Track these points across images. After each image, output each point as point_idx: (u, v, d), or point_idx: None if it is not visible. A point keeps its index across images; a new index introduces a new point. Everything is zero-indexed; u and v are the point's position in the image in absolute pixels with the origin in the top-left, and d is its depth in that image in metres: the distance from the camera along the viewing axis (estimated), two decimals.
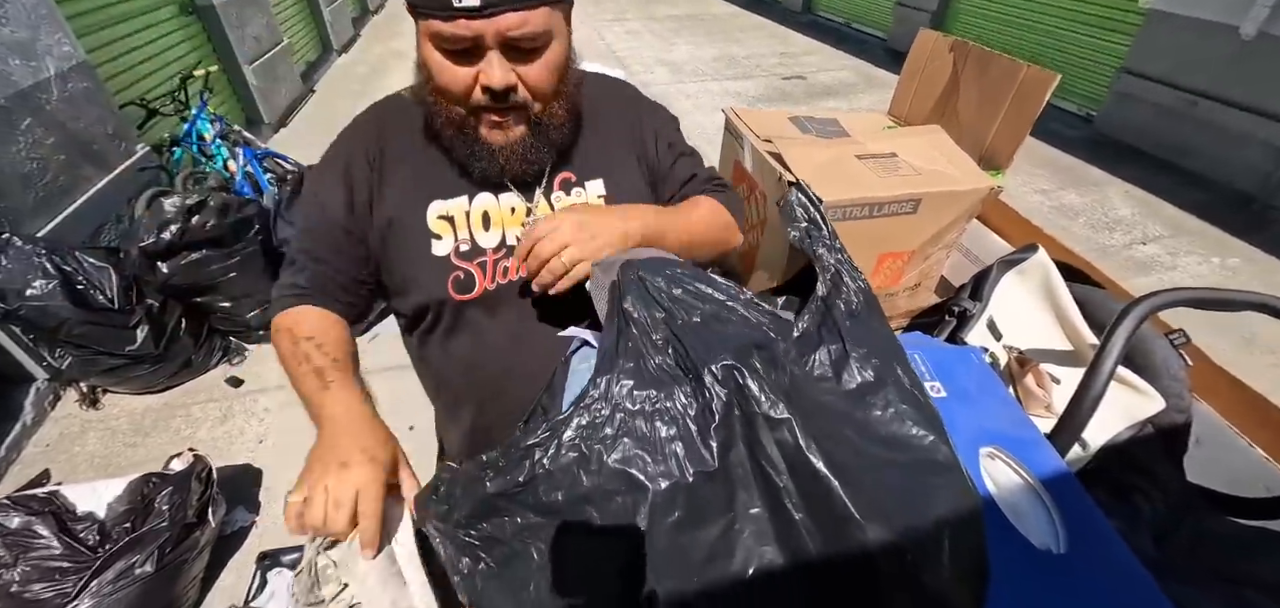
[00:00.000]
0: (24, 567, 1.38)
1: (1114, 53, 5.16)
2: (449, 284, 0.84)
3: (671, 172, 0.96)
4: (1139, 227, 3.91)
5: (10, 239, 2.09)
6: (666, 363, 0.55)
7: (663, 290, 0.59)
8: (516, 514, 0.51)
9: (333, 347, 0.78)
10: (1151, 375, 0.87)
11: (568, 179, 0.89)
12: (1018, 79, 1.37)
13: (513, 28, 0.70)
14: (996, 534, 0.55)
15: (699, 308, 0.59)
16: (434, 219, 0.83)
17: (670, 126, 1.00)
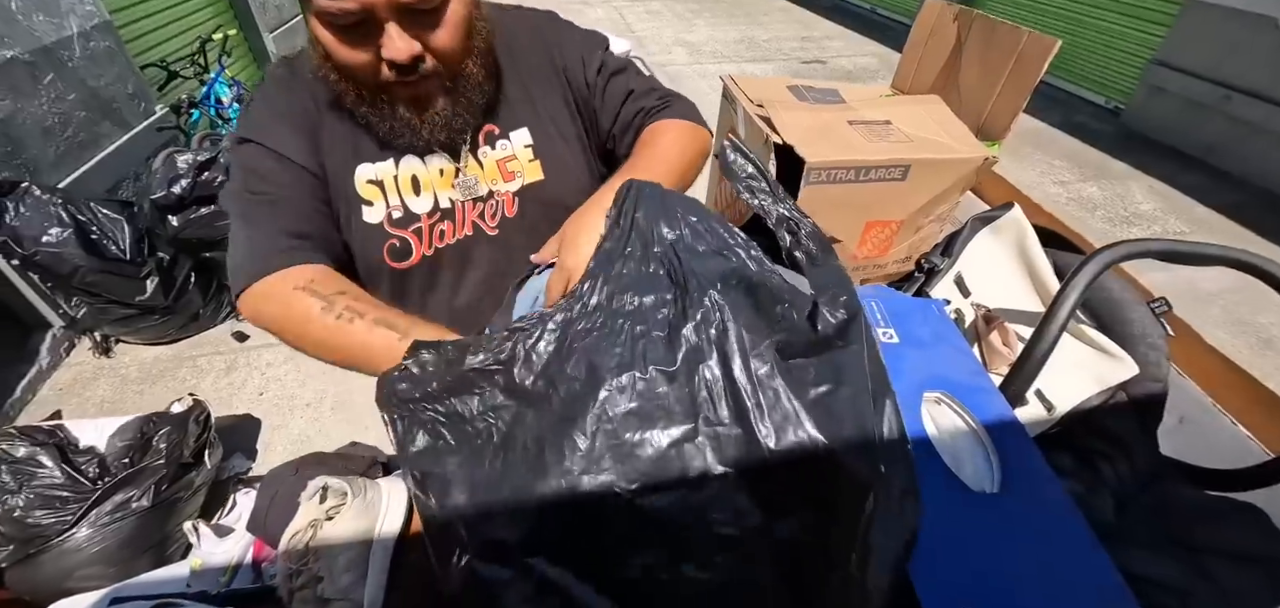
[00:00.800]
0: (27, 494, 1.44)
1: (1146, 43, 4.98)
2: (385, 252, 0.81)
3: (605, 96, 0.89)
4: (1159, 222, 3.79)
5: (29, 188, 2.15)
6: (659, 273, 0.53)
7: (678, 216, 0.56)
8: (488, 391, 0.50)
9: (375, 298, 0.69)
10: (1128, 342, 0.85)
11: (491, 132, 0.85)
12: (1018, 46, 1.33)
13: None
14: (932, 475, 0.55)
15: (708, 240, 0.56)
16: (363, 184, 0.80)
17: (593, 46, 0.91)
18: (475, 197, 0.85)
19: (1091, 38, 5.46)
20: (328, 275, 0.71)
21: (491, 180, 0.85)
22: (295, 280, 0.68)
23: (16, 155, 2.38)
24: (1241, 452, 0.88)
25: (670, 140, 0.82)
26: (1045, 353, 0.64)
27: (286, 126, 0.76)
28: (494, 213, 0.86)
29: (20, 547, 1.44)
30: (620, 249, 0.55)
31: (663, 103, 0.88)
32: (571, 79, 0.89)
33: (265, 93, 0.79)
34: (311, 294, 0.67)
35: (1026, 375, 0.65)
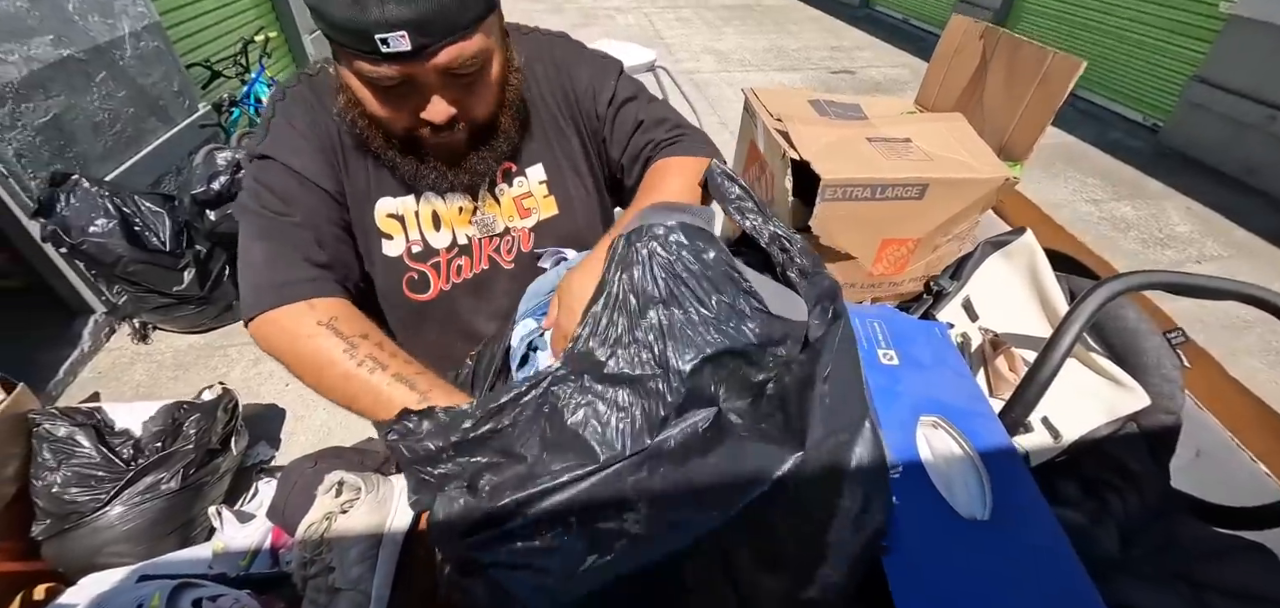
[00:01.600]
0: (66, 471, 1.51)
1: (1187, 59, 4.83)
2: (404, 285, 0.84)
3: (615, 126, 0.88)
4: (1195, 245, 3.67)
5: (79, 180, 2.26)
6: (641, 355, 0.53)
7: (663, 280, 0.55)
8: (480, 456, 0.52)
9: (396, 347, 0.68)
10: (1141, 373, 0.84)
11: (509, 169, 0.86)
12: (1043, 66, 1.32)
13: (451, 62, 0.65)
14: (921, 500, 0.56)
15: (696, 300, 0.55)
16: (383, 217, 0.81)
17: (606, 75, 0.89)
18: (492, 233, 0.87)
19: (1130, 52, 5.33)
20: (350, 314, 0.69)
21: (508, 217, 0.87)
22: (319, 315, 0.67)
23: (69, 148, 2.51)
24: (1259, 490, 0.85)
25: (677, 178, 0.80)
26: (1046, 381, 0.64)
27: (309, 146, 0.75)
28: (510, 248, 0.89)
29: (56, 521, 1.51)
30: (605, 321, 0.54)
31: (673, 136, 0.87)
32: (582, 109, 0.89)
33: (287, 110, 0.77)
34: (335, 334, 0.65)
35: (1026, 403, 0.65)
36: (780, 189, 1.31)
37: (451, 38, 0.63)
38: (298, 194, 0.73)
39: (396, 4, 0.58)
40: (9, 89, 2.26)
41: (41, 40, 2.43)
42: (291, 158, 0.74)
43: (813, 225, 1.20)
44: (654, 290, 0.54)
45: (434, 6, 0.60)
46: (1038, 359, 0.64)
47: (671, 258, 0.55)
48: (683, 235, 0.55)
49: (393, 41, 0.60)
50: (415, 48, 0.61)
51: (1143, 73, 5.23)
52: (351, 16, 0.58)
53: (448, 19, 0.62)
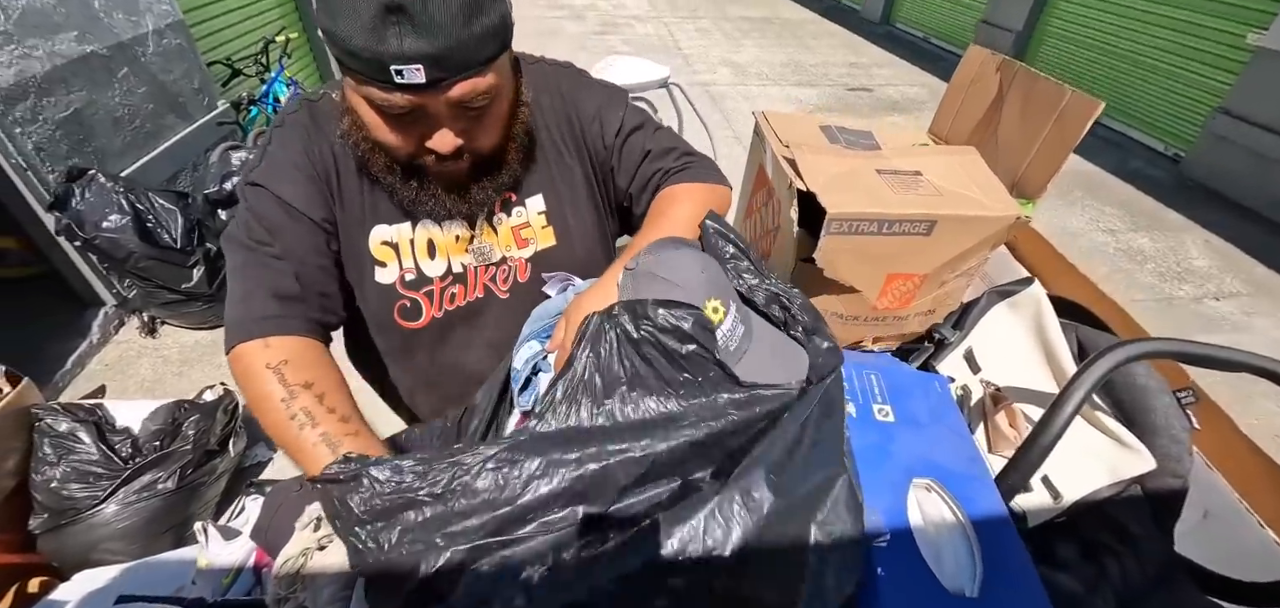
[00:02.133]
0: (65, 467, 1.52)
1: (1211, 90, 4.75)
2: (395, 313, 0.83)
3: (623, 157, 0.88)
4: (1214, 280, 3.59)
5: (95, 175, 2.29)
6: (582, 470, 0.50)
7: (629, 363, 0.53)
8: (416, 519, 0.49)
9: (339, 400, 0.67)
10: (1148, 433, 0.81)
11: (508, 198, 0.86)
12: (1060, 104, 1.29)
13: (463, 97, 0.64)
14: (907, 571, 0.54)
15: (667, 382, 0.53)
16: (377, 245, 0.80)
17: (613, 106, 0.89)
18: (489, 262, 0.87)
19: (1153, 80, 5.25)
20: (302, 359, 0.69)
21: (506, 247, 0.87)
22: (271, 356, 0.67)
23: (88, 143, 2.54)
24: (1268, 558, 0.82)
25: (684, 208, 0.80)
26: (1048, 447, 0.61)
27: (301, 175, 0.75)
28: (506, 277, 0.89)
29: (54, 516, 1.52)
30: (564, 402, 0.53)
31: (681, 164, 0.88)
32: (588, 139, 0.89)
33: (283, 139, 0.77)
34: (278, 379, 0.65)
35: (1025, 469, 0.63)
36: (786, 219, 1.29)
37: (466, 74, 0.63)
38: (283, 224, 0.73)
39: (415, 38, 0.58)
40: (32, 83, 2.29)
41: (66, 36, 2.47)
42: (282, 187, 0.73)
43: (817, 258, 1.18)
44: (620, 372, 0.52)
45: (452, 43, 0.60)
46: (1040, 423, 0.62)
47: (642, 339, 0.53)
48: (661, 315, 0.53)
49: (408, 74, 0.59)
50: (430, 81, 0.61)
51: (1165, 101, 5.15)
52: (369, 46, 0.58)
53: (464, 56, 0.62)
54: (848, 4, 10.53)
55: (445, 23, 0.58)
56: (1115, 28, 5.59)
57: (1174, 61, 5.06)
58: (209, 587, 0.88)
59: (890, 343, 1.16)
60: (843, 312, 1.37)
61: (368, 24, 0.57)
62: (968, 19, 7.72)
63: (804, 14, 10.17)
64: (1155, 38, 5.20)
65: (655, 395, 0.51)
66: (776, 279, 0.62)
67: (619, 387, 0.52)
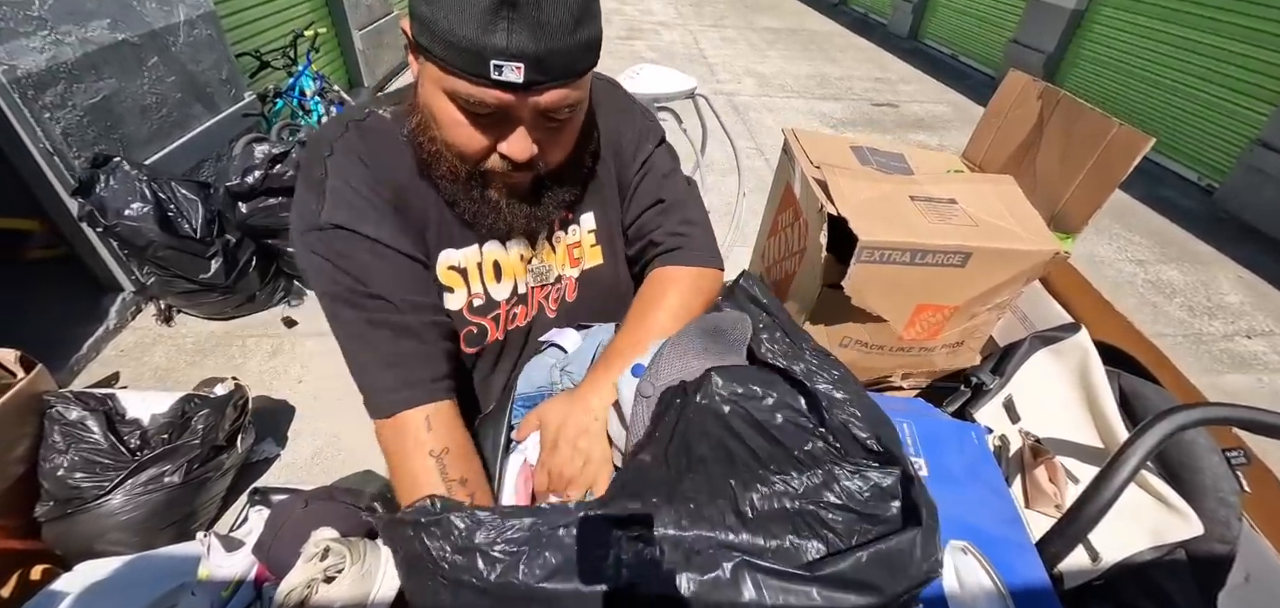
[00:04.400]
0: (73, 455, 1.52)
1: (1248, 121, 4.61)
2: (461, 339, 0.80)
3: (639, 190, 0.86)
4: (1246, 318, 3.47)
5: (119, 163, 2.31)
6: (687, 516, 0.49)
7: (724, 420, 0.50)
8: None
9: (481, 494, 0.67)
10: (1195, 494, 0.75)
11: (566, 216, 0.84)
12: (1106, 137, 1.23)
13: (552, 105, 0.61)
14: None
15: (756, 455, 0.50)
16: (444, 270, 0.76)
17: (648, 137, 0.88)
18: (546, 282, 0.85)
19: (1187, 108, 5.11)
20: (457, 445, 0.68)
21: (561, 265, 0.86)
22: (433, 442, 0.66)
23: (114, 130, 2.57)
24: None
25: (670, 306, 0.78)
26: (1096, 515, 0.57)
27: (378, 207, 0.69)
28: (557, 297, 0.87)
29: (59, 504, 1.52)
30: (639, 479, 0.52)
31: (678, 240, 0.86)
32: (621, 161, 0.86)
33: (342, 168, 0.68)
34: (439, 470, 0.65)
35: (1071, 537, 0.58)
36: (814, 243, 1.24)
37: (561, 81, 0.60)
38: (382, 270, 0.68)
39: (524, 35, 0.55)
40: (62, 69, 2.32)
41: (99, 23, 2.50)
42: (363, 224, 0.67)
43: (846, 286, 1.13)
44: (702, 449, 0.50)
45: (556, 47, 0.57)
46: (1090, 489, 0.57)
47: (722, 414, 0.50)
48: (729, 383, 0.50)
49: (507, 71, 0.56)
50: (527, 82, 0.58)
51: (1199, 130, 5.01)
52: (474, 36, 0.55)
53: (564, 62, 0.59)
54: (875, 18, 10.45)
55: (555, 26, 0.56)
56: (1151, 53, 5.46)
57: (1210, 90, 4.93)
58: (208, 598, 0.86)
59: (919, 379, 1.11)
60: (867, 341, 1.32)
61: (478, 15, 0.54)
62: (998, 38, 7.60)
63: (831, 26, 10.10)
64: (1192, 65, 5.07)
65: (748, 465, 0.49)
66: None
67: (701, 465, 0.50)
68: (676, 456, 0.51)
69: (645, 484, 0.51)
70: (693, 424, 0.51)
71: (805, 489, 0.48)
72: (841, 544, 0.47)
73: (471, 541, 0.50)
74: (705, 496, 0.49)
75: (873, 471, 0.48)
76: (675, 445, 0.51)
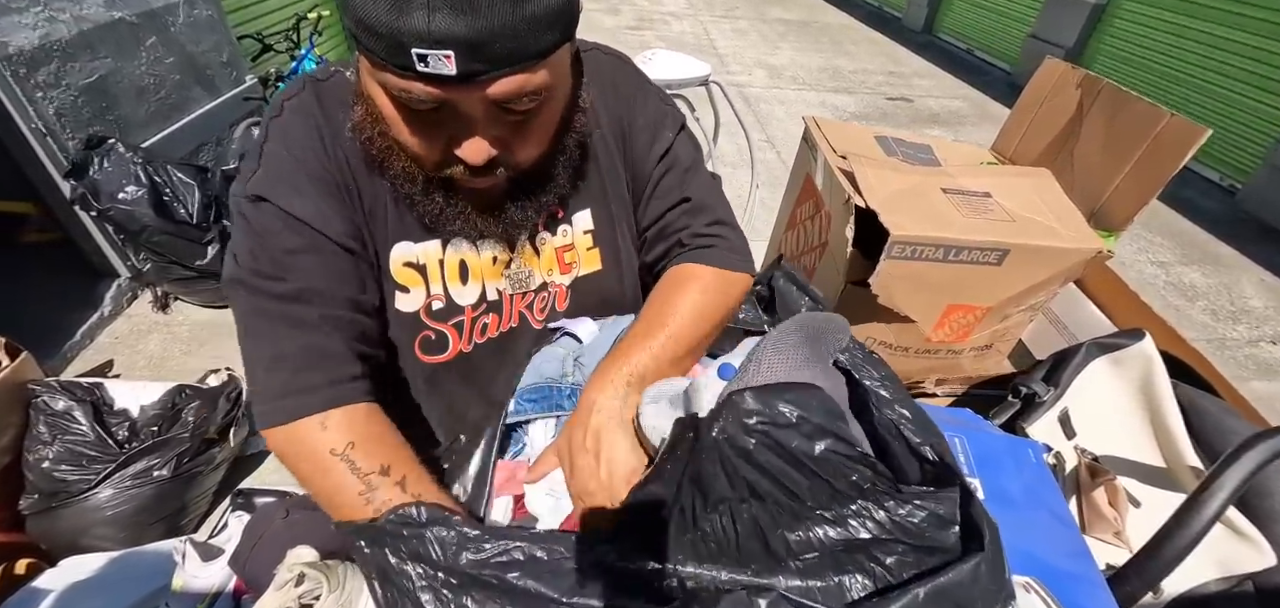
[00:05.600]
0: (58, 447, 1.46)
1: (1273, 119, 4.48)
2: (416, 346, 0.70)
3: (659, 186, 0.75)
4: (1270, 322, 3.36)
5: (114, 145, 2.24)
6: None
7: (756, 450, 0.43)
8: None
9: (417, 479, 0.56)
10: (1266, 520, 0.68)
11: (554, 213, 0.73)
12: (1156, 128, 1.14)
13: (506, 95, 0.50)
14: None
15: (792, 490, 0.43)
16: (398, 266, 0.66)
17: (665, 124, 0.75)
18: (527, 289, 0.74)
19: (1210, 106, 4.97)
20: (367, 435, 0.57)
21: (547, 271, 0.74)
22: (332, 439, 0.56)
23: (110, 111, 2.50)
24: None
25: (691, 303, 0.68)
26: (1182, 552, 0.49)
27: (310, 182, 0.60)
28: (544, 306, 0.76)
29: (44, 497, 1.46)
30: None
31: (708, 240, 0.74)
32: (634, 150, 0.75)
33: (284, 132, 0.60)
34: (349, 468, 0.55)
35: (1150, 576, 0.50)
36: (839, 236, 1.17)
37: (511, 68, 0.48)
38: (299, 255, 0.58)
39: (447, 14, 0.44)
40: (56, 48, 2.25)
41: (93, 1, 2.43)
42: (291, 200, 0.58)
43: (872, 284, 1.06)
44: (720, 489, 0.43)
45: (494, 27, 0.45)
46: (1172, 524, 0.50)
47: (747, 448, 0.43)
48: (754, 410, 0.43)
49: (433, 61, 0.45)
50: (462, 74, 0.46)
51: (1223, 130, 4.88)
52: (388, 20, 0.44)
53: (510, 44, 0.47)
54: (890, 11, 10.28)
55: (486, 2, 0.44)
56: (1174, 49, 5.32)
57: (1233, 87, 4.79)
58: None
59: (955, 385, 1.03)
60: (892, 342, 1.24)
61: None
62: (1016, 33, 7.45)
63: (844, 19, 9.95)
64: (1216, 62, 4.93)
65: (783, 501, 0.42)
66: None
67: (727, 502, 0.43)
68: (688, 495, 0.43)
69: (655, 518, 0.44)
70: (706, 462, 0.43)
71: (848, 521, 0.41)
72: (892, 580, 0.39)
73: (458, 562, 0.44)
74: (729, 533, 0.42)
75: (926, 495, 0.40)
76: (686, 486, 0.43)
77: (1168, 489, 0.69)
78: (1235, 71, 4.78)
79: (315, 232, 0.59)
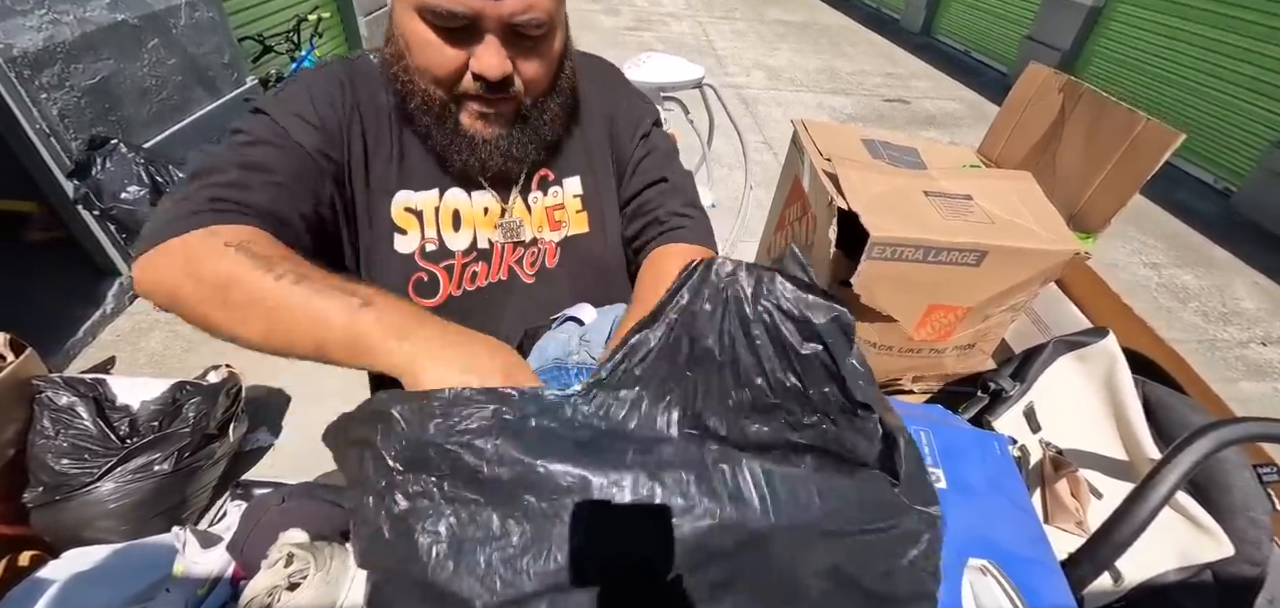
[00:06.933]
0: (62, 441, 1.49)
1: (1268, 123, 4.51)
2: (410, 286, 0.76)
3: (639, 168, 0.85)
4: (1262, 324, 3.40)
5: (117, 145, 2.28)
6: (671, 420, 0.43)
7: (749, 318, 0.43)
8: (442, 478, 0.41)
9: (322, 270, 0.55)
10: (1224, 512, 0.71)
11: (546, 176, 0.82)
12: (1132, 133, 1.17)
13: (518, 11, 0.62)
14: None
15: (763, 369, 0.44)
16: (399, 211, 0.74)
17: (645, 115, 0.89)
18: (517, 240, 0.81)
19: (1205, 110, 5.01)
20: (268, 240, 0.56)
21: (537, 227, 0.82)
22: (225, 238, 0.53)
23: (113, 112, 2.54)
24: None
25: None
26: (1130, 537, 0.52)
27: (314, 111, 0.67)
28: (534, 261, 0.82)
29: (48, 490, 1.49)
30: (644, 358, 0.44)
31: (681, 221, 0.83)
32: (619, 135, 0.86)
33: (310, 78, 0.71)
34: (244, 253, 0.52)
35: (1101, 560, 0.53)
36: (823, 238, 1.20)
37: None
38: (267, 144, 0.63)
39: None
40: (60, 49, 2.28)
41: (98, 3, 2.47)
42: (287, 118, 0.65)
43: (854, 283, 1.09)
44: (713, 346, 0.43)
45: None
46: (1121, 510, 0.53)
47: (757, 315, 0.43)
48: (790, 292, 0.42)
49: None
50: None
51: (1218, 132, 4.91)
52: None
53: None
54: (888, 12, 10.32)
55: None
56: (1169, 52, 5.35)
57: (1228, 91, 4.83)
58: (182, 596, 0.83)
59: (932, 383, 1.06)
60: (876, 341, 1.27)
61: None
62: (1012, 34, 7.49)
63: (842, 20, 9.99)
64: (1212, 65, 4.96)
65: (752, 399, 0.43)
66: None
67: (706, 367, 0.43)
68: (678, 340, 0.43)
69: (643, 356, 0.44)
70: (704, 314, 0.43)
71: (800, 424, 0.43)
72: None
73: (423, 433, 0.41)
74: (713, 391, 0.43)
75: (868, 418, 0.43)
76: (679, 328, 0.43)
77: (1128, 480, 0.72)
78: (1229, 74, 4.82)
79: (291, 138, 0.65)
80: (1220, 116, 4.89)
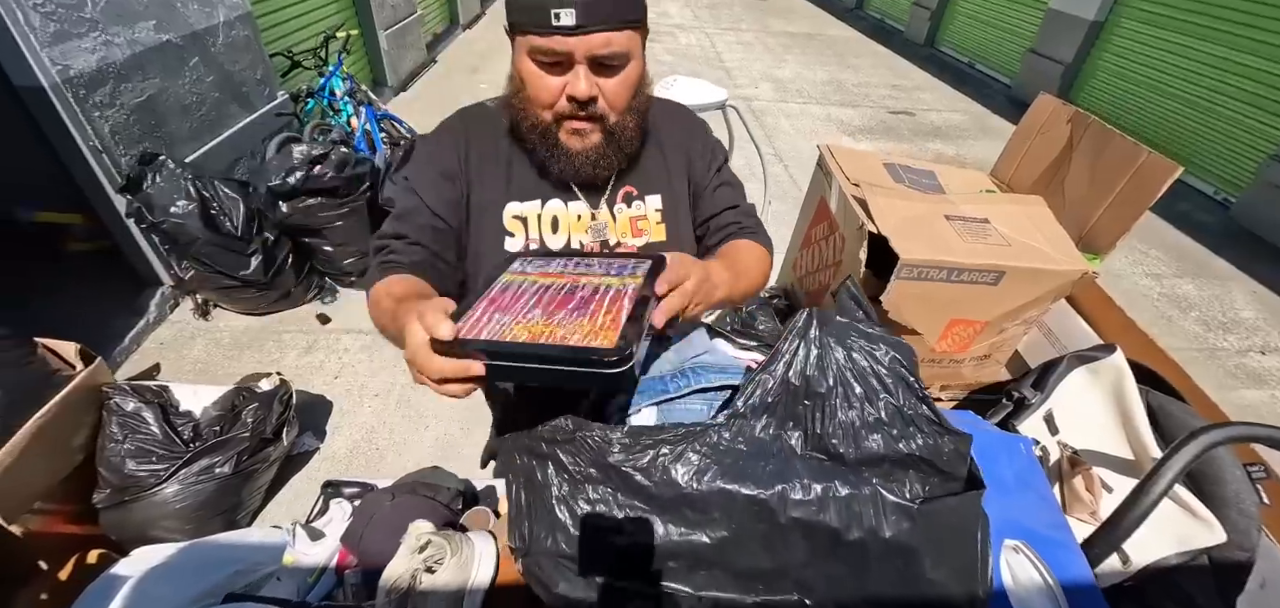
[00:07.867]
0: (130, 445, 1.59)
1: (1267, 135, 4.59)
2: None
3: (713, 194, 1.01)
4: (1261, 333, 3.47)
5: (165, 161, 2.38)
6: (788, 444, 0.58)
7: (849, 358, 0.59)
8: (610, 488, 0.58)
9: (407, 301, 0.77)
10: (1219, 505, 0.81)
11: (630, 192, 0.97)
12: (1136, 163, 1.28)
13: (599, 47, 0.77)
14: None
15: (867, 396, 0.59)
16: (509, 218, 0.92)
17: (717, 153, 1.06)
18: (603, 241, 0.96)
19: (1205, 121, 5.10)
20: (405, 281, 0.82)
21: (621, 233, 0.96)
22: (385, 287, 0.81)
23: (158, 128, 2.65)
24: None
25: (752, 258, 0.94)
26: (1135, 522, 0.62)
27: (433, 171, 0.91)
28: None
29: (116, 492, 1.58)
30: (768, 396, 0.58)
31: (750, 230, 1.00)
32: (695, 165, 1.02)
33: (428, 142, 0.96)
34: (387, 293, 0.79)
35: (1111, 541, 0.63)
36: (851, 257, 1.30)
37: (605, 25, 0.76)
38: (411, 206, 0.91)
39: None
40: (112, 70, 2.40)
41: (145, 24, 2.58)
42: (417, 181, 0.92)
43: (884, 301, 1.19)
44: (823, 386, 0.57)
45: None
46: (1129, 500, 0.62)
47: (849, 352, 0.58)
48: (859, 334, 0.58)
49: (563, 16, 0.74)
50: (578, 23, 0.74)
51: (1217, 144, 5.00)
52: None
53: (608, 9, 0.76)
54: (892, 24, 10.45)
55: None
56: (1170, 66, 5.45)
57: (1228, 103, 4.92)
58: (293, 584, 0.92)
59: (956, 391, 1.16)
60: None
61: None
62: (1015, 47, 7.59)
63: (847, 32, 10.11)
64: (1211, 80, 5.06)
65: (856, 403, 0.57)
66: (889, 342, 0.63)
67: (815, 397, 0.57)
68: (788, 378, 0.58)
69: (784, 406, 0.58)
70: (821, 358, 0.58)
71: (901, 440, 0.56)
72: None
73: (605, 458, 0.58)
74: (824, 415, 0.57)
75: (954, 434, 0.56)
76: (799, 372, 0.57)
77: (1134, 477, 0.81)
78: (1229, 88, 4.91)
79: (420, 199, 0.90)
80: (1220, 129, 4.98)
